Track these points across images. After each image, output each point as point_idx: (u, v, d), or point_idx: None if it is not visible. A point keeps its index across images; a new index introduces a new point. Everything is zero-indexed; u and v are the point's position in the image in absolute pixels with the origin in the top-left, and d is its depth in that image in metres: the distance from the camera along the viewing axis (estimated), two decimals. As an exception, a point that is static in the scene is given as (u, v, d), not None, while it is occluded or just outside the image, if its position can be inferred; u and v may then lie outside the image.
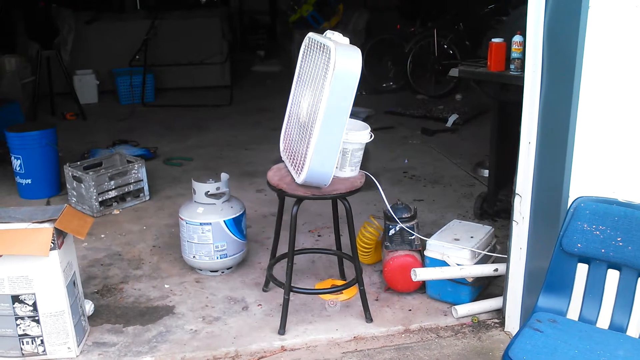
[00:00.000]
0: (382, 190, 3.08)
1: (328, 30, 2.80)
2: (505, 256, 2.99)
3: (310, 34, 2.87)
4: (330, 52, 2.51)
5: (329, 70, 2.49)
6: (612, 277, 2.17)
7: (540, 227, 2.71)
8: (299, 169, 2.73)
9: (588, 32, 2.32)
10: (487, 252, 3.25)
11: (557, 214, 2.52)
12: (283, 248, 3.28)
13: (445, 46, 7.86)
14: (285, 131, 3.03)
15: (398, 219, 3.28)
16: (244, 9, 10.64)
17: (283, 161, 3.04)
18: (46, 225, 2.64)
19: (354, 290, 3.23)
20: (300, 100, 2.84)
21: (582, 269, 2.22)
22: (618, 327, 2.15)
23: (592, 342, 2.05)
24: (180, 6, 8.82)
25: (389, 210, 3.27)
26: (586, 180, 2.47)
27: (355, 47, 2.60)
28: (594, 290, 2.21)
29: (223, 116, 7.17)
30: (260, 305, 3.24)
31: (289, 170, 2.91)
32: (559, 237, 2.22)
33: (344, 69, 2.50)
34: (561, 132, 2.47)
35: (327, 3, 9.37)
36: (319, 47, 2.71)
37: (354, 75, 2.53)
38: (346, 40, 2.65)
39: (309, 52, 2.85)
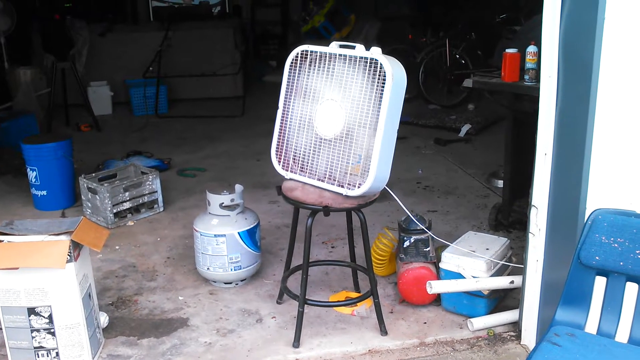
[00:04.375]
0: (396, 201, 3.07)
1: (334, 42, 2.82)
2: (522, 267, 2.97)
3: (307, 47, 2.88)
4: (381, 63, 2.62)
5: (388, 81, 2.59)
6: (631, 290, 2.14)
7: (557, 239, 2.69)
8: (350, 183, 2.74)
9: (604, 43, 2.31)
10: (503, 264, 3.24)
11: (574, 225, 2.50)
12: (297, 260, 3.28)
13: (457, 56, 7.85)
14: (291, 151, 2.94)
15: (412, 230, 3.27)
16: (256, 19, 10.68)
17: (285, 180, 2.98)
18: (63, 237, 2.65)
19: (370, 301, 3.22)
20: (313, 116, 2.83)
21: (600, 282, 2.20)
22: (637, 341, 2.11)
23: (611, 356, 2.02)
24: (193, 17, 8.87)
25: (411, 221, 3.25)
26: (603, 191, 2.45)
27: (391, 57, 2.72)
28: (613, 303, 2.18)
29: (235, 126, 7.20)
30: (274, 317, 3.23)
31: (314, 186, 2.87)
32: (577, 250, 2.19)
33: (398, 78, 2.65)
34: (578, 143, 2.46)
35: (339, 13, 9.40)
36: (342, 59, 2.74)
37: (404, 81, 2.70)
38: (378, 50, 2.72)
39: (313, 66, 2.85)
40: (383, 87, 2.61)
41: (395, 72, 2.63)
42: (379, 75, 2.63)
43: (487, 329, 3.06)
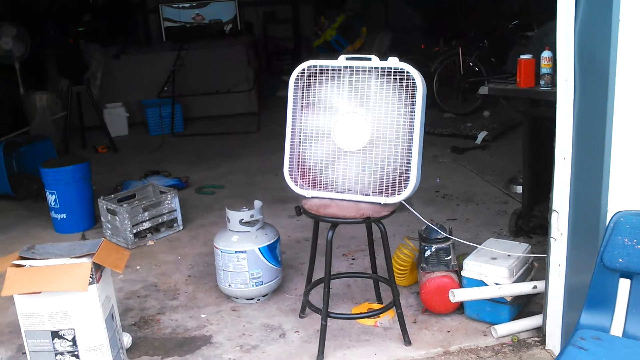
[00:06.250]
0: (416, 210, 3.06)
1: (342, 55, 2.84)
2: (544, 271, 2.94)
3: (313, 62, 2.91)
4: (408, 72, 2.74)
5: (419, 89, 2.74)
6: (657, 291, 2.13)
7: (579, 243, 2.66)
8: (387, 191, 2.82)
9: (620, 44, 2.29)
10: (525, 269, 3.21)
11: (596, 229, 2.47)
12: (318, 273, 3.27)
13: (471, 64, 7.83)
14: (310, 168, 2.96)
15: (433, 239, 3.25)
16: (268, 35, 10.75)
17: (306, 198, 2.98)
18: (84, 260, 2.67)
19: (393, 312, 3.20)
20: (332, 131, 2.84)
21: (624, 284, 2.18)
22: (665, 342, 2.09)
23: (638, 358, 2.00)
24: (205, 36, 8.95)
25: (432, 230, 3.25)
26: (624, 193, 2.42)
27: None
28: (638, 305, 2.15)
29: (251, 142, 7.23)
30: (297, 331, 3.23)
31: (347, 200, 2.90)
32: (600, 253, 2.18)
33: (424, 85, 2.78)
34: (597, 145, 2.44)
35: (351, 27, 9.42)
36: (360, 72, 2.80)
37: (426, 88, 2.83)
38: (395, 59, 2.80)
39: (326, 80, 2.87)
40: (412, 94, 2.72)
41: (421, 78, 2.76)
42: (407, 84, 2.71)
43: (511, 336, 3.03)
